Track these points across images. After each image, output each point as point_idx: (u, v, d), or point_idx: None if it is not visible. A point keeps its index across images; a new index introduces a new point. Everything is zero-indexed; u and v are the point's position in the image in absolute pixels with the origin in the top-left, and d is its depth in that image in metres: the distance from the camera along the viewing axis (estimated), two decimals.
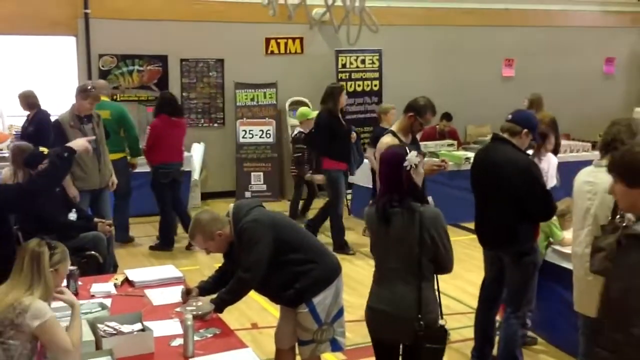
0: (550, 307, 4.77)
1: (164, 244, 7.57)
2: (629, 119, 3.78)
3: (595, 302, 3.51)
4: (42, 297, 2.90)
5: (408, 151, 3.41)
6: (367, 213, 3.54)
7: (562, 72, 11.44)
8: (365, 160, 8.11)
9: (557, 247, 4.71)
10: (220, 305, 3.66)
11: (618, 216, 3.45)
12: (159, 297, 3.94)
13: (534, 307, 4.65)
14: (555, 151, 8.66)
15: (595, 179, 3.66)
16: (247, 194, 9.89)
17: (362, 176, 8.42)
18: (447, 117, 9.84)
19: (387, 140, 4.98)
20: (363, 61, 10.29)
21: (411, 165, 3.37)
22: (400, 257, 3.38)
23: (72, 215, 5.22)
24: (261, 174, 10.11)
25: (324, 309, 3.73)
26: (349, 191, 9.38)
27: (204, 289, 3.85)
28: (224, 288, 3.71)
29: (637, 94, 12.07)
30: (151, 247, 7.60)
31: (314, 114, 8.18)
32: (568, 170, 4.91)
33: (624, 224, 3.39)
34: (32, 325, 2.81)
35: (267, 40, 10.23)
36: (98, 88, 6.67)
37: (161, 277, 4.25)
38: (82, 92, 6.27)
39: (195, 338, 3.22)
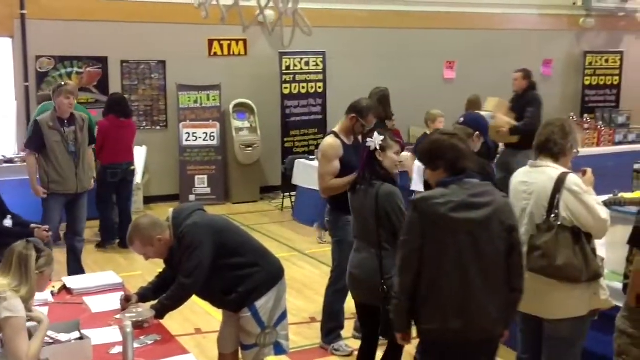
0: None
1: (106, 240, 7.90)
2: (562, 120, 3.87)
3: (533, 300, 3.61)
4: (24, 297, 2.97)
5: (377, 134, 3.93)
6: None
7: (503, 73, 11.63)
8: (303, 160, 8.55)
9: None
10: (161, 312, 3.60)
11: (553, 215, 3.55)
12: (98, 304, 3.86)
13: None
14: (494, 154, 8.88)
15: (531, 179, 3.72)
16: (192, 198, 9.78)
17: (307, 178, 8.42)
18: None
19: (329, 141, 5.00)
20: (307, 63, 10.29)
21: (375, 147, 3.87)
22: (361, 228, 4.03)
23: (7, 222, 5.07)
24: (205, 177, 10.01)
25: (267, 312, 3.72)
26: (293, 193, 9.41)
27: (144, 295, 3.78)
28: (165, 294, 3.66)
29: (574, 95, 12.43)
30: (97, 246, 7.85)
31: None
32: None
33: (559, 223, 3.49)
34: (1, 314, 2.85)
35: (210, 42, 10.14)
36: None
37: (100, 284, 4.16)
38: (56, 91, 6.20)
39: (135, 345, 3.14)
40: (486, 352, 3.21)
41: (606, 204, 4.50)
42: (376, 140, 3.92)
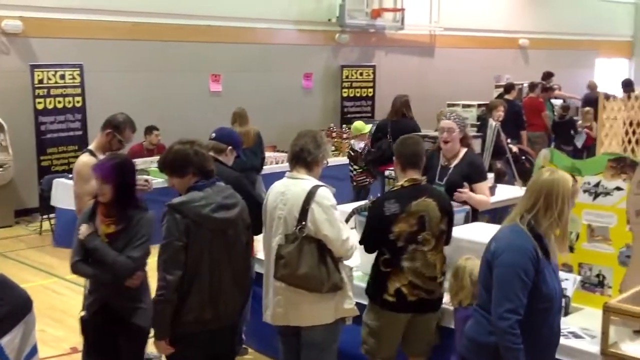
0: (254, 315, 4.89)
1: None
2: (314, 131, 4.01)
3: (290, 310, 3.73)
4: None
5: None
6: None
7: (267, 86, 11.99)
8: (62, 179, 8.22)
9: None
10: None
11: (299, 226, 3.66)
12: None
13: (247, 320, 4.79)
14: (261, 165, 9.04)
15: (287, 189, 3.82)
16: None
17: (67, 198, 7.86)
18: (149, 130, 9.55)
19: (84, 159, 4.69)
20: (63, 76, 9.68)
21: None
22: None
23: None
24: None
25: (14, 349, 3.37)
26: (53, 215, 8.77)
27: None
28: None
29: (333, 106, 13.11)
30: None
31: (368, 127, 8.67)
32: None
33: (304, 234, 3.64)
34: None
35: None
36: None
37: None
38: None
39: None
40: (229, 335, 3.65)
41: (354, 211, 4.77)
42: None
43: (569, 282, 3.78)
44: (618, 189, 3.79)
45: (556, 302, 3.07)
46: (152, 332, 3.52)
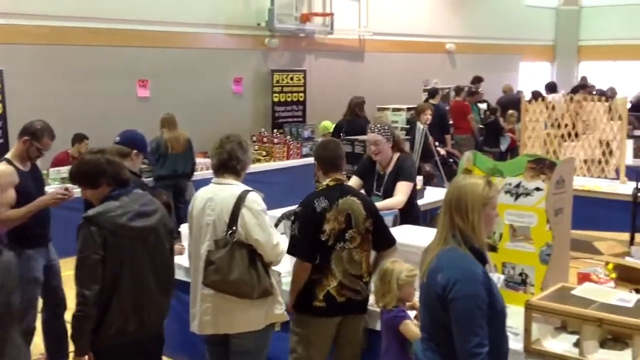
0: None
1: None
2: (238, 137, 3.99)
3: (219, 318, 3.68)
4: None
5: None
6: None
7: (196, 92, 11.83)
8: None
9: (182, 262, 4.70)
10: None
11: (230, 231, 3.63)
12: None
13: None
14: (191, 172, 8.94)
15: (215, 195, 3.78)
16: None
17: None
18: (79, 138, 9.30)
19: (1, 168, 4.53)
20: None
21: None
22: None
23: None
24: None
25: None
26: None
27: None
28: None
29: (264, 111, 13.05)
30: None
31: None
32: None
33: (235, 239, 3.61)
34: None
35: None
36: None
37: None
38: None
39: None
40: (156, 345, 3.58)
41: (283, 216, 4.77)
42: None
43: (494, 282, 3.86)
44: (538, 189, 3.89)
45: (504, 309, 2.99)
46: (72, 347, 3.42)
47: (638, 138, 10.57)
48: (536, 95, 11.71)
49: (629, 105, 9.67)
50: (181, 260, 4.51)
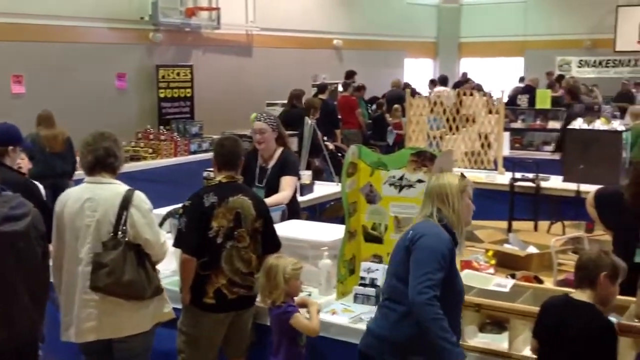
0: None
1: None
2: (112, 134, 3.87)
3: (103, 322, 3.54)
4: None
5: None
6: None
7: (77, 87, 11.35)
8: None
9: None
10: None
11: (120, 232, 3.51)
12: None
13: None
14: (72, 171, 8.57)
15: (95, 195, 3.63)
16: None
17: None
18: None
19: None
20: None
21: None
22: None
23: None
24: None
25: None
26: None
27: None
28: None
29: (150, 108, 12.71)
30: None
31: None
32: None
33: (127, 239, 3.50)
34: None
35: None
36: None
37: None
38: None
39: None
40: (28, 357, 3.30)
41: (169, 214, 4.67)
42: None
43: (379, 273, 3.93)
44: (420, 181, 3.99)
45: (462, 293, 3.23)
46: None
47: (514, 130, 11.15)
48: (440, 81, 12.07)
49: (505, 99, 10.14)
50: None
